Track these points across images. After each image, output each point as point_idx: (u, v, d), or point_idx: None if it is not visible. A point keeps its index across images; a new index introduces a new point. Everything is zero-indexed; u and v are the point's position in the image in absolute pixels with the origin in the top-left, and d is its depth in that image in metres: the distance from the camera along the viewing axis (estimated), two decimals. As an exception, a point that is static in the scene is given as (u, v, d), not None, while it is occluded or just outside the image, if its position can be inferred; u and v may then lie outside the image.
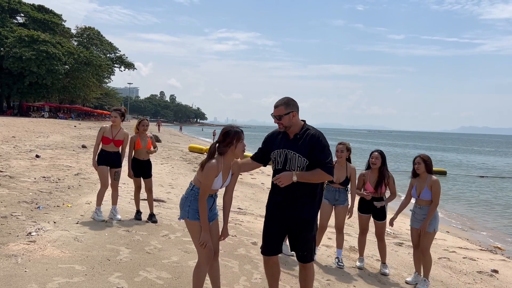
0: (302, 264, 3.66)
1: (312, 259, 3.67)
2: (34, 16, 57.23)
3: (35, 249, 4.67)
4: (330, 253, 6.30)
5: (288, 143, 3.59)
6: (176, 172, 13.76)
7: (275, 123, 3.64)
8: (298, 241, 3.59)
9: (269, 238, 3.65)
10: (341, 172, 5.68)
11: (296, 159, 3.50)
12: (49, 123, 37.87)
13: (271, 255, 3.68)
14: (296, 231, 3.57)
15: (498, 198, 17.93)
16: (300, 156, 3.49)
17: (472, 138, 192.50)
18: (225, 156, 3.46)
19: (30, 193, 7.46)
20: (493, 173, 29.68)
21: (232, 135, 3.41)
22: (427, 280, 5.26)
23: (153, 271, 4.45)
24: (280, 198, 3.58)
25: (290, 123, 3.58)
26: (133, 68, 75.58)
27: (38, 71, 49.70)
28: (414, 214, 5.37)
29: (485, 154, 57.91)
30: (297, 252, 3.64)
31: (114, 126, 6.45)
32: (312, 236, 3.63)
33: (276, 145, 3.64)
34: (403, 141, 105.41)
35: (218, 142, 3.48)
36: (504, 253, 8.82)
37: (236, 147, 3.43)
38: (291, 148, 3.55)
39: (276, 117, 3.59)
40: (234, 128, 3.47)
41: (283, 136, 3.66)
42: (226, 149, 3.44)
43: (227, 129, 3.47)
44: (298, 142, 3.55)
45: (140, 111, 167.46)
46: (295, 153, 3.52)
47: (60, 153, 14.50)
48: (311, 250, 3.64)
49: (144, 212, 6.66)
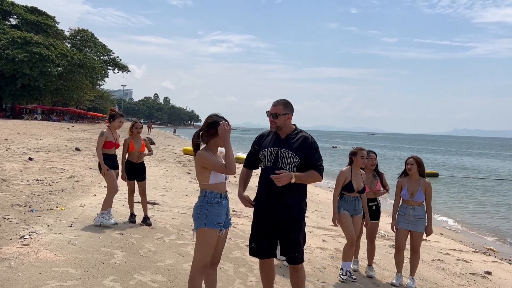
0: (293, 266, 3.64)
1: (303, 260, 3.66)
2: (27, 18, 56.95)
3: (29, 253, 4.64)
4: (325, 255, 6.30)
5: (280, 142, 3.59)
6: (170, 175, 13.73)
7: (269, 121, 3.62)
8: (288, 243, 3.57)
9: (261, 240, 3.62)
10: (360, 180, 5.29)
11: (288, 156, 3.51)
12: (42, 125, 37.62)
13: (264, 258, 3.66)
14: (286, 231, 3.55)
15: (490, 199, 18.05)
16: (293, 154, 3.50)
17: (465, 141, 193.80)
18: (208, 146, 3.40)
19: (23, 196, 7.41)
20: (485, 174, 29.89)
21: (217, 126, 3.32)
22: (414, 278, 5.35)
23: (147, 274, 4.43)
24: (270, 198, 3.56)
25: (283, 124, 3.59)
26: (127, 70, 75.45)
27: (31, 73, 49.37)
28: (404, 216, 5.31)
29: (477, 156, 58.30)
30: (288, 254, 3.61)
31: (113, 129, 6.50)
32: (302, 237, 3.62)
33: (266, 144, 3.64)
34: (396, 143, 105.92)
35: (201, 131, 3.40)
36: (497, 255, 8.88)
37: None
38: (283, 147, 3.55)
39: (272, 115, 3.58)
40: (218, 118, 3.37)
41: (274, 136, 3.65)
42: (209, 139, 3.38)
43: (212, 120, 3.36)
44: (290, 141, 3.57)
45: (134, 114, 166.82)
46: (287, 151, 3.52)
47: (53, 156, 14.41)
48: (302, 251, 3.64)
49: (138, 215, 6.64)
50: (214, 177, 3.32)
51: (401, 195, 5.38)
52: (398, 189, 5.41)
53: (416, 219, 5.28)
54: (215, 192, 3.33)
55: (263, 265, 3.71)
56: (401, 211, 5.37)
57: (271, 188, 3.51)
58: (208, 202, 3.30)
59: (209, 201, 3.31)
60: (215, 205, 3.31)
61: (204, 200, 3.32)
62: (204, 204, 3.31)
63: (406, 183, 5.34)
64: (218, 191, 3.35)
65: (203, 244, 3.30)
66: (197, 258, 3.33)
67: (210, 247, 3.32)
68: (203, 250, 3.31)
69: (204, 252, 3.31)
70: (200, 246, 3.31)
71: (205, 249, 3.31)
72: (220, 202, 3.34)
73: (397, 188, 5.44)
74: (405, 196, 5.34)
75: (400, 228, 5.36)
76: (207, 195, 3.32)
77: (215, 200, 3.32)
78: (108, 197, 6.30)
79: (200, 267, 3.33)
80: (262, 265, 3.72)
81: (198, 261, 3.33)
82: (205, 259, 3.33)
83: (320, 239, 7.40)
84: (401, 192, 5.37)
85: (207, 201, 3.31)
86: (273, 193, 3.53)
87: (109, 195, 6.30)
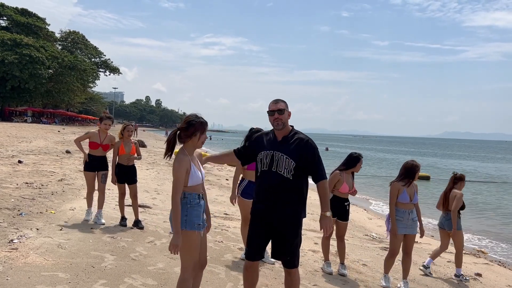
0: (288, 270, 3.63)
1: (297, 265, 3.65)
2: (17, 19, 56.41)
3: (17, 257, 4.58)
4: (316, 258, 6.31)
5: (276, 145, 3.58)
6: (162, 178, 13.66)
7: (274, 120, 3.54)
8: (285, 246, 3.57)
9: (255, 243, 3.62)
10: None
11: (283, 160, 3.49)
12: (32, 128, 37.26)
13: (255, 259, 3.65)
14: (284, 235, 3.55)
15: (480, 202, 18.20)
16: (288, 157, 3.48)
17: (455, 143, 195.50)
18: (185, 145, 3.35)
19: (12, 200, 7.32)
20: (475, 177, 30.14)
21: (197, 126, 3.30)
22: (407, 282, 5.40)
23: (138, 278, 4.39)
24: (269, 203, 3.55)
25: (286, 121, 3.59)
26: (118, 72, 75.02)
27: (20, 75, 48.90)
28: (403, 220, 5.25)
29: (467, 159, 58.82)
30: (283, 257, 3.61)
31: (101, 131, 6.55)
32: (298, 241, 3.62)
33: (263, 146, 3.62)
34: (387, 146, 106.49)
35: (179, 129, 3.34)
36: (487, 257, 8.95)
37: (199, 139, 3.34)
38: (278, 150, 3.54)
39: (277, 112, 3.53)
40: (199, 118, 3.33)
41: (271, 138, 3.64)
42: (187, 139, 3.33)
43: (192, 119, 3.31)
44: (286, 144, 3.55)
45: (126, 116, 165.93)
46: (282, 155, 3.50)
47: (43, 159, 14.27)
48: (297, 256, 3.64)
49: (129, 218, 6.59)
50: (192, 179, 3.30)
51: (400, 200, 5.28)
52: (395, 194, 5.30)
53: (413, 222, 5.31)
54: (193, 194, 3.32)
55: (251, 267, 3.67)
56: (398, 216, 5.27)
57: (269, 191, 3.51)
58: (188, 204, 3.28)
59: (189, 202, 3.29)
60: (195, 206, 3.31)
61: (183, 202, 3.28)
62: (183, 206, 3.27)
63: (403, 187, 5.29)
64: (196, 192, 3.34)
65: (187, 246, 3.27)
66: (186, 260, 3.31)
67: (195, 248, 3.32)
68: (189, 252, 3.30)
69: (191, 254, 3.31)
70: (184, 249, 3.27)
71: (191, 251, 3.30)
72: (199, 203, 3.35)
73: (393, 193, 5.32)
74: (405, 200, 5.27)
75: (399, 233, 5.30)
76: (186, 197, 3.29)
77: (195, 201, 3.32)
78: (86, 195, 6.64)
79: (191, 269, 3.33)
80: (249, 268, 3.67)
81: (188, 263, 3.31)
82: (193, 261, 3.33)
83: (312, 242, 7.40)
84: (400, 196, 5.28)
85: (187, 202, 3.28)
86: (271, 196, 3.52)
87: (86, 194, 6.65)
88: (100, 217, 6.45)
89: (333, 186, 5.57)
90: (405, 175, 5.34)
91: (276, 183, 3.51)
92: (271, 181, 3.53)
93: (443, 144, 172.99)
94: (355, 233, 8.95)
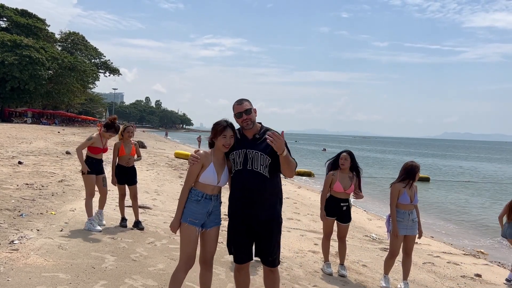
0: (270, 269, 3.58)
1: (279, 263, 3.64)
2: (17, 20, 56.46)
3: (18, 258, 4.59)
4: (316, 259, 6.32)
5: (248, 143, 3.50)
6: (162, 179, 13.68)
7: (242, 121, 3.48)
8: (268, 245, 3.50)
9: (240, 245, 3.54)
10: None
11: (258, 157, 3.43)
12: (32, 129, 37.27)
13: (244, 262, 3.59)
14: (266, 234, 3.48)
15: (480, 202, 18.22)
16: (263, 154, 3.42)
17: (455, 144, 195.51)
18: (214, 149, 3.47)
19: (12, 201, 7.33)
20: (475, 177, 30.16)
21: (212, 131, 3.45)
22: (408, 283, 5.40)
23: (139, 279, 4.41)
24: (246, 201, 3.45)
25: (255, 120, 3.55)
26: (118, 73, 75.08)
27: (20, 76, 48.93)
28: (403, 222, 5.26)
29: (467, 160, 58.84)
30: (266, 257, 3.54)
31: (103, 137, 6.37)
32: (280, 239, 3.59)
33: (232, 147, 3.51)
34: (387, 147, 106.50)
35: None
36: (487, 258, 8.97)
37: (217, 140, 3.42)
38: (251, 148, 3.46)
39: (244, 113, 3.47)
40: (216, 124, 3.44)
41: (241, 138, 3.55)
42: (212, 141, 3.47)
43: (217, 122, 3.47)
44: (258, 141, 3.48)
45: (125, 117, 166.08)
46: (256, 152, 3.43)
47: (43, 160, 14.28)
48: (279, 254, 3.61)
49: (129, 219, 6.60)
50: (204, 177, 3.40)
51: (401, 201, 5.27)
52: (396, 195, 5.30)
53: (414, 223, 5.31)
54: (198, 191, 3.42)
55: (243, 269, 3.63)
56: (399, 217, 5.28)
57: (245, 190, 3.44)
58: (190, 198, 3.42)
59: (190, 197, 3.42)
60: (193, 203, 3.40)
61: (189, 195, 3.44)
62: (188, 199, 3.43)
63: (404, 188, 5.29)
64: (202, 190, 3.41)
65: (181, 237, 3.43)
66: (180, 252, 3.46)
67: (187, 242, 3.39)
68: (182, 244, 3.43)
69: (183, 247, 3.41)
70: (180, 240, 3.45)
71: (183, 243, 3.42)
72: (200, 201, 3.39)
73: (394, 194, 5.32)
74: (406, 201, 5.27)
75: (400, 234, 5.29)
76: (191, 191, 3.43)
77: (195, 198, 3.40)
78: (86, 201, 6.19)
79: (182, 263, 3.41)
80: (241, 270, 3.64)
81: (181, 255, 3.44)
82: (185, 254, 3.40)
83: (312, 243, 7.41)
84: (401, 198, 5.28)
85: (189, 196, 3.42)
86: (250, 195, 3.43)
87: (86, 199, 6.20)
88: (101, 218, 6.48)
89: (328, 186, 5.69)
90: (405, 176, 5.34)
91: (252, 181, 3.42)
92: (246, 179, 3.44)
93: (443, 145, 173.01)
94: (355, 234, 8.96)
